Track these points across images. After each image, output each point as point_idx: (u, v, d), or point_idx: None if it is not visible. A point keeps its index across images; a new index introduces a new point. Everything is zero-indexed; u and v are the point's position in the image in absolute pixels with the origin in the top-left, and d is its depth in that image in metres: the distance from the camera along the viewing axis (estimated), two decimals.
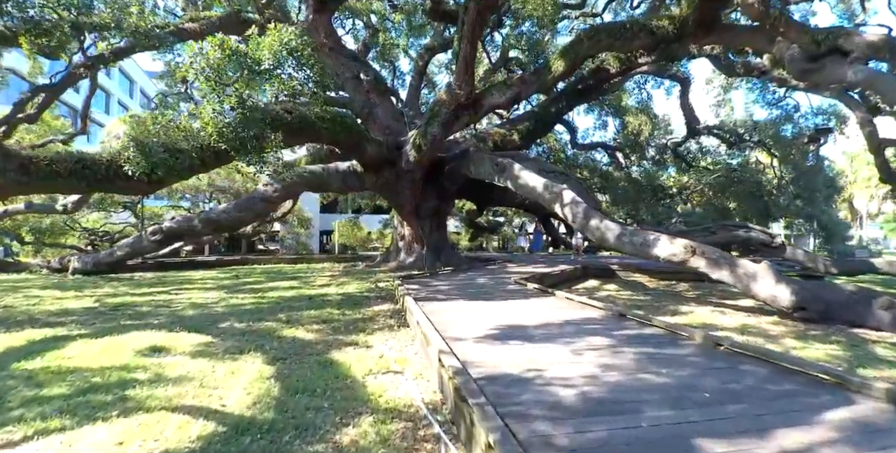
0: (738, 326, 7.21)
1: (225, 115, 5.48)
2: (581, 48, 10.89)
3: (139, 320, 6.75)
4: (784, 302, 7.47)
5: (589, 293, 10.85)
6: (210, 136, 5.66)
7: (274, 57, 5.42)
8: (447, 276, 11.17)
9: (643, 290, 11.32)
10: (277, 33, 5.47)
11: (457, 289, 8.81)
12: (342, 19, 18.49)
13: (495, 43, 21.03)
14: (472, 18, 10.98)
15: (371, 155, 14.49)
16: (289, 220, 28.69)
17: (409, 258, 16.85)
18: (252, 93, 5.85)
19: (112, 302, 8.51)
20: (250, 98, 5.76)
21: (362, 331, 6.10)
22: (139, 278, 13.64)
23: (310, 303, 8.53)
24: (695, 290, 11.18)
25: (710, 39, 9.65)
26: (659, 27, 9.55)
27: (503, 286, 9.06)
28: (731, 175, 16.42)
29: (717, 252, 8.30)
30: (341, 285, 11.40)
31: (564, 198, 10.78)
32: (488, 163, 14.13)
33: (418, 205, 16.66)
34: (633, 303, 9.22)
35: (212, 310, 7.71)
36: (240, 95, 5.51)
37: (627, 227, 9.52)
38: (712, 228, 11.92)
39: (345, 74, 15.70)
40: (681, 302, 9.54)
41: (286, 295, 9.68)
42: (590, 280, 13.20)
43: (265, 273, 15.03)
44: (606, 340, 4.19)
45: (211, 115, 5.46)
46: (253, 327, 6.24)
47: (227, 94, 5.43)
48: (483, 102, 13.69)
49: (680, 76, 17.83)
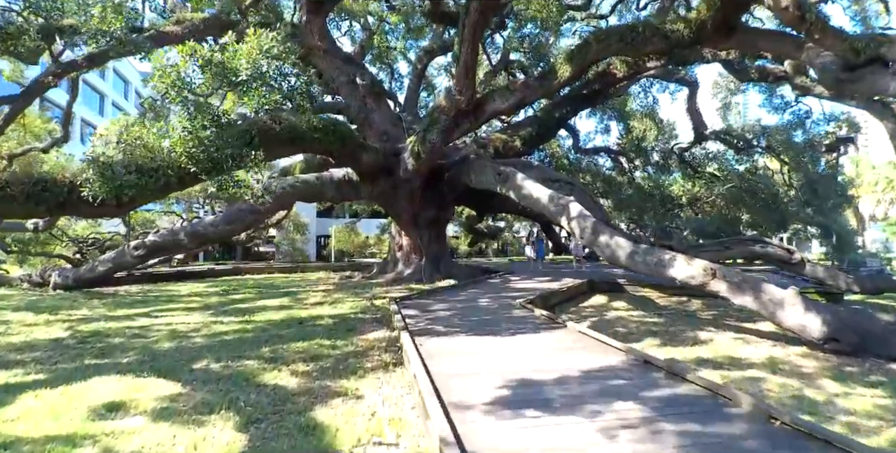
0: (767, 360, 6.59)
1: (197, 134, 4.84)
2: (589, 52, 10.26)
3: (107, 357, 6.10)
4: (814, 332, 6.84)
5: (598, 312, 10.23)
6: (180, 157, 5.01)
7: (252, 66, 4.77)
8: (447, 295, 10.53)
9: (654, 309, 10.69)
10: (256, 39, 4.82)
11: (458, 314, 8.16)
12: (338, 21, 17.83)
13: (496, 45, 20.41)
14: (474, 20, 10.36)
15: (367, 163, 13.85)
16: (285, 226, 28.04)
17: (407, 269, 16.20)
18: (228, 108, 5.21)
19: (85, 330, 7.85)
20: (226, 114, 5.11)
21: (353, 373, 5.46)
22: (123, 293, 12.98)
23: (299, 329, 7.88)
24: (710, 310, 10.56)
25: (728, 44, 9.04)
26: (673, 31, 8.93)
27: (508, 311, 8.41)
28: (744, 185, 15.82)
29: (740, 275, 7.67)
30: (335, 304, 10.75)
31: (571, 211, 10.16)
32: (490, 171, 13.51)
33: (417, 214, 16.03)
34: (647, 328, 8.60)
35: (190, 340, 7.07)
36: (213, 112, 4.87)
37: (640, 245, 8.88)
38: (727, 243, 11.30)
39: (340, 78, 15.06)
40: (697, 325, 8.92)
41: (275, 317, 9.04)
42: (597, 296, 12.56)
43: (256, 287, 14.38)
44: (639, 409, 3.55)
45: (180, 134, 4.81)
46: (231, 368, 5.59)
47: (199, 111, 4.79)
48: (485, 108, 13.07)
49: (688, 80, 17.22)
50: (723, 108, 21.17)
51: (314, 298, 11.66)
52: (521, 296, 10.45)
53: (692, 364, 6.15)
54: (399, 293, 12.47)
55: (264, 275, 19.13)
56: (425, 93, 24.52)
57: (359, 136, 14.15)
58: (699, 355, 6.65)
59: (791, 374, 5.96)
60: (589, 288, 13.10)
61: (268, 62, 4.86)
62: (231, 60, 4.75)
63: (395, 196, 15.51)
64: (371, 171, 14.47)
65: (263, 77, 4.83)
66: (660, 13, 14.48)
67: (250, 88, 4.87)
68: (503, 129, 18.24)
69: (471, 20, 10.32)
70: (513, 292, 11.20)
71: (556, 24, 13.37)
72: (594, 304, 11.29)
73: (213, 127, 4.95)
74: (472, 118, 13.16)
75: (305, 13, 14.01)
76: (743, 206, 16.31)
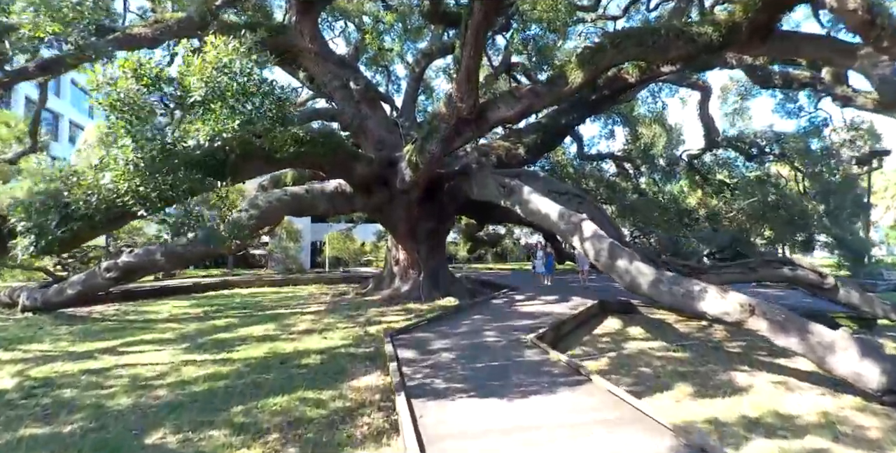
0: (821, 418, 5.69)
1: (145, 166, 3.88)
2: (604, 57, 9.33)
3: (49, 424, 5.13)
4: (871, 383, 5.94)
5: (615, 343, 9.31)
6: (123, 196, 4.05)
7: (207, 85, 3.81)
8: (447, 325, 9.58)
9: (675, 338, 9.78)
10: (215, 51, 3.86)
11: (461, 357, 7.14)
12: (331, 21, 16.84)
13: (497, 46, 19.49)
14: (478, 21, 9.43)
15: (362, 174, 12.92)
16: (278, 233, 27.01)
17: (404, 285, 15.26)
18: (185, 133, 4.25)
19: (37, 375, 6.87)
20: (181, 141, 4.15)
21: (341, 446, 4.53)
22: (97, 316, 11.98)
23: (280, 372, 6.94)
24: (735, 339, 9.66)
25: (763, 49, 8.13)
26: (701, 34, 8.00)
27: (518, 351, 7.45)
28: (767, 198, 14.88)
29: (783, 312, 6.76)
30: (325, 332, 9.80)
31: (585, 231, 9.24)
32: (493, 183, 12.59)
33: (414, 226, 15.10)
34: (674, 367, 7.69)
35: (153, 392, 6.10)
36: (163, 139, 3.91)
37: (665, 273, 7.95)
38: (752, 264, 10.40)
39: (332, 83, 14.09)
40: (728, 363, 8.02)
41: (256, 353, 8.08)
42: (609, 318, 11.66)
43: (242, 307, 13.38)
44: None
45: (123, 167, 3.86)
46: (191, 443, 4.63)
47: (144, 138, 3.84)
48: (488, 116, 12.13)
49: (700, 85, 16.31)
50: (733, 113, 20.29)
51: (302, 324, 10.70)
52: (528, 325, 9.53)
53: (740, 428, 5.24)
54: (395, 316, 11.55)
55: (253, 289, 18.13)
56: (423, 96, 23.59)
57: (352, 146, 13.22)
58: (743, 412, 5.73)
59: (856, 442, 5.05)
60: (600, 309, 12.21)
61: (228, 79, 3.90)
62: (183, 77, 3.81)
63: (392, 208, 14.58)
64: (366, 182, 13.53)
65: (223, 97, 3.87)
66: (674, 14, 13.58)
67: (209, 110, 3.91)
68: (506, 136, 17.31)
69: (474, 21, 9.39)
70: (519, 319, 10.26)
71: (565, 25, 12.42)
72: (608, 331, 10.38)
73: (163, 156, 3.98)
74: (473, 126, 12.22)
75: (295, 13, 13.02)
76: (765, 222, 15.36)
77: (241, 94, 4.07)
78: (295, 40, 13.34)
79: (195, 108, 3.94)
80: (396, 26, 16.46)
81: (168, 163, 3.98)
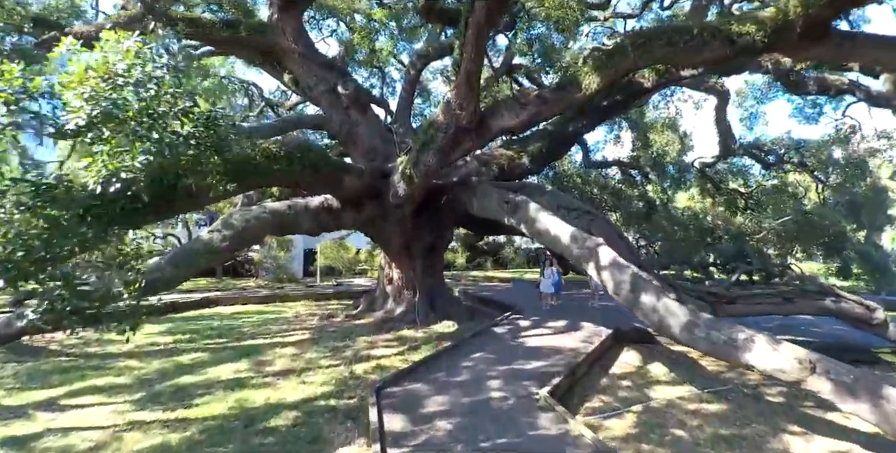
0: None
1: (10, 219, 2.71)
2: (624, 59, 8.12)
3: None
4: None
5: (638, 390, 8.09)
6: None
7: (93, 102, 2.62)
8: (445, 370, 8.33)
9: (705, 381, 8.57)
10: (101, 50, 2.66)
11: (461, 428, 5.89)
12: (318, 20, 15.60)
13: (498, 47, 18.30)
14: (480, 20, 8.19)
15: (351, 187, 11.68)
16: (267, 243, 25.79)
17: (398, 307, 14.03)
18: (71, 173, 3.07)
19: None
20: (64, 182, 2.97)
21: None
22: (55, 346, 10.75)
23: (241, 442, 5.71)
24: (775, 383, 8.46)
25: (816, 51, 6.94)
26: (741, 34, 6.81)
27: (531, 416, 6.18)
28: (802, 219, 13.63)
29: (851, 372, 5.55)
30: (305, 372, 8.59)
31: (601, 259, 8.01)
32: (496, 199, 11.39)
33: (409, 242, 13.86)
34: (713, 428, 6.48)
35: None
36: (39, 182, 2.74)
37: (701, 315, 6.71)
38: (788, 294, 9.20)
39: (318, 87, 12.84)
40: (773, 419, 6.83)
41: (218, 410, 6.84)
42: (626, 351, 10.46)
43: (218, 334, 12.13)
44: None
45: None
46: None
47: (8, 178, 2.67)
48: (489, 124, 10.88)
49: (718, 89, 15.13)
50: (748, 118, 19.13)
51: (280, 360, 9.46)
52: (538, 368, 8.30)
53: None
54: (387, 348, 10.34)
55: (237, 307, 16.85)
56: (420, 99, 22.38)
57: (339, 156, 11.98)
58: None
59: None
60: (615, 340, 11.00)
61: (127, 92, 2.71)
62: (64, 90, 2.61)
63: (385, 223, 13.32)
64: (356, 196, 12.29)
65: (118, 119, 2.67)
66: (693, 13, 12.41)
67: (100, 139, 2.72)
68: (508, 144, 16.10)
69: (476, 19, 8.16)
70: (527, 359, 9.02)
71: (576, 23, 11.22)
72: (628, 371, 9.15)
73: (39, 204, 2.78)
74: (473, 136, 10.97)
75: (276, 11, 11.79)
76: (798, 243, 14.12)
77: (147, 116, 2.86)
78: (277, 39, 12.11)
79: (81, 136, 2.75)
80: (390, 25, 15.22)
81: (45, 213, 2.79)
